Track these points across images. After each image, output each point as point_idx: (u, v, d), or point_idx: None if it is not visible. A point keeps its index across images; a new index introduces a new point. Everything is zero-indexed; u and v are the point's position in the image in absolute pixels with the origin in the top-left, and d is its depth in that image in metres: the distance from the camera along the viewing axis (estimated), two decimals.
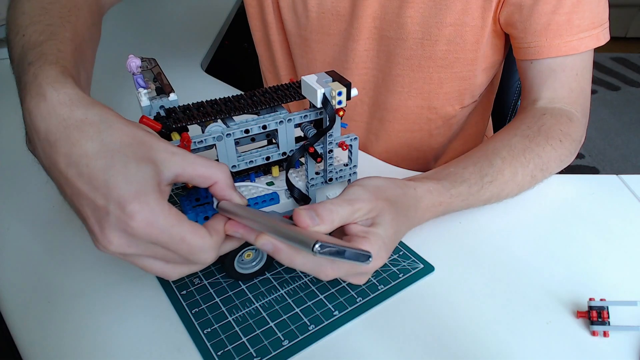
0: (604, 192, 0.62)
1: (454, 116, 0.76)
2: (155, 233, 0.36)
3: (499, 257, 0.53)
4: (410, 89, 0.72)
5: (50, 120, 0.37)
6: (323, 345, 0.44)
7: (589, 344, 0.44)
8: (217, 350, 0.43)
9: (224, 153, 0.46)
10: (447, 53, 0.67)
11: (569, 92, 0.64)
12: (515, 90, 0.94)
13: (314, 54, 0.75)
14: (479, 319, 0.46)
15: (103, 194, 0.35)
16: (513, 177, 0.56)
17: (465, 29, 0.65)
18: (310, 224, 0.40)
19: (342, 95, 0.45)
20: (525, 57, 0.65)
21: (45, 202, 0.61)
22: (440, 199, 0.52)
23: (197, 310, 0.47)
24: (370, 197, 0.44)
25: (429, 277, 0.50)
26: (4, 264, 0.53)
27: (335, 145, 0.49)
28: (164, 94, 0.45)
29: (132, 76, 0.46)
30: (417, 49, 0.67)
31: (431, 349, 0.44)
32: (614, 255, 0.53)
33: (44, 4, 0.49)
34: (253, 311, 0.47)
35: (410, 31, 0.66)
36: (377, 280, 0.50)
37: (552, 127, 0.61)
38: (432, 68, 0.69)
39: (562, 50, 0.62)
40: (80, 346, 0.44)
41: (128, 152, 0.36)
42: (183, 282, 0.50)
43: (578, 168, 2.08)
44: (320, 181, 0.51)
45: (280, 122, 0.47)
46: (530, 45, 0.63)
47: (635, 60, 2.88)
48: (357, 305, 0.47)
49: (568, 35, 0.61)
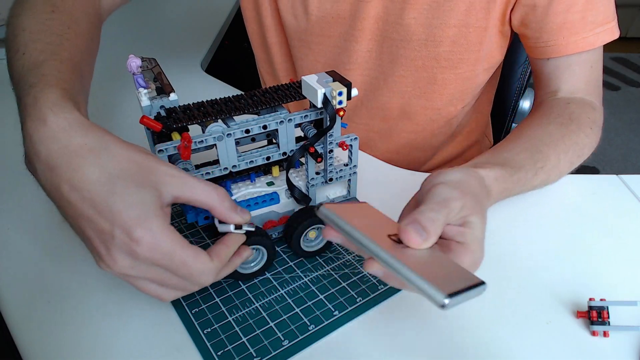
0: (604, 192, 0.62)
1: (456, 116, 0.76)
2: (158, 257, 0.37)
3: (499, 257, 0.53)
4: (414, 88, 0.72)
5: (50, 145, 0.38)
6: (323, 345, 0.44)
7: (589, 344, 0.44)
8: (217, 350, 0.43)
9: (224, 153, 0.46)
10: (451, 54, 0.67)
11: (586, 83, 0.66)
12: (515, 90, 0.94)
13: (315, 55, 0.75)
14: (479, 319, 0.46)
15: (108, 219, 0.36)
16: (557, 163, 0.58)
17: (469, 30, 0.65)
18: (420, 241, 0.38)
19: (342, 95, 0.45)
20: (542, 56, 0.66)
21: (45, 204, 0.61)
22: (505, 185, 0.52)
23: (197, 310, 0.47)
24: (459, 195, 0.42)
25: None
26: (4, 264, 0.53)
27: (335, 146, 0.49)
28: (165, 94, 0.45)
29: (133, 76, 0.46)
30: (421, 50, 0.68)
31: (431, 348, 0.44)
32: (614, 255, 0.53)
33: (43, 20, 0.50)
34: (253, 311, 0.47)
35: (414, 32, 0.66)
36: (377, 280, 0.50)
37: (581, 116, 0.62)
38: (437, 69, 0.69)
39: (579, 46, 0.63)
40: (80, 346, 0.44)
41: (127, 177, 0.37)
42: None
43: (578, 168, 2.08)
44: (321, 181, 0.51)
45: (280, 122, 0.47)
46: (547, 44, 0.64)
47: (635, 60, 2.88)
48: (357, 305, 0.47)
49: (584, 32, 0.63)
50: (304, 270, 0.51)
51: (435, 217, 0.40)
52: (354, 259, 0.52)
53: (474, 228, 0.42)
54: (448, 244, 0.41)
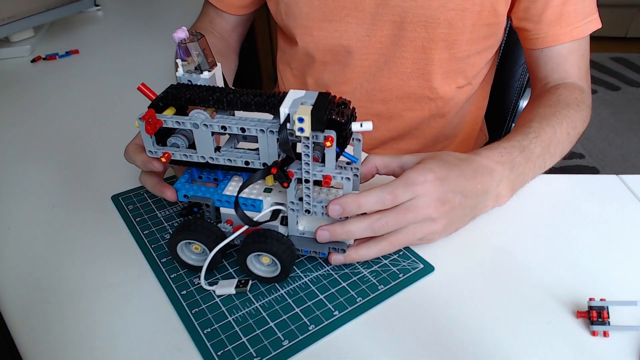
0: (604, 192, 0.62)
1: (452, 98, 0.80)
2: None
3: (499, 256, 0.53)
4: (412, 69, 0.76)
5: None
6: (323, 345, 0.44)
7: (589, 344, 0.44)
8: (217, 350, 0.43)
9: (200, 142, 0.47)
10: (448, 35, 0.71)
11: (578, 70, 0.73)
12: (515, 90, 0.94)
13: (316, 43, 0.77)
14: (479, 319, 0.46)
15: None
16: (554, 133, 0.61)
17: (465, 14, 0.69)
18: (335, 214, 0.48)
19: (303, 123, 0.41)
20: (540, 47, 0.72)
21: (45, 202, 0.61)
22: (501, 151, 0.56)
23: (197, 310, 0.47)
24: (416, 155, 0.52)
25: (428, 277, 0.50)
26: (4, 264, 0.53)
27: (318, 177, 0.45)
28: (201, 71, 0.48)
29: (177, 46, 0.49)
30: (421, 31, 0.71)
31: (431, 348, 0.44)
32: (614, 255, 0.53)
33: None
34: (253, 311, 0.47)
35: (414, 14, 0.70)
36: (377, 280, 0.50)
37: (568, 96, 0.68)
38: (434, 50, 0.73)
39: (573, 35, 0.70)
40: (80, 346, 0.44)
41: None
42: (183, 282, 0.50)
43: (578, 168, 2.08)
44: (299, 208, 0.48)
45: (261, 130, 0.45)
46: (547, 34, 0.71)
47: (635, 60, 2.88)
48: (357, 305, 0.47)
49: (577, 22, 0.70)
50: (304, 270, 0.51)
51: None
52: None
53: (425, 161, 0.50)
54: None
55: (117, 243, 0.55)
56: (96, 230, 0.57)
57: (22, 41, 1.07)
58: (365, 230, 0.48)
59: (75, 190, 0.63)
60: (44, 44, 1.10)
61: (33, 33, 1.09)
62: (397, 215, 0.48)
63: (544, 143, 0.59)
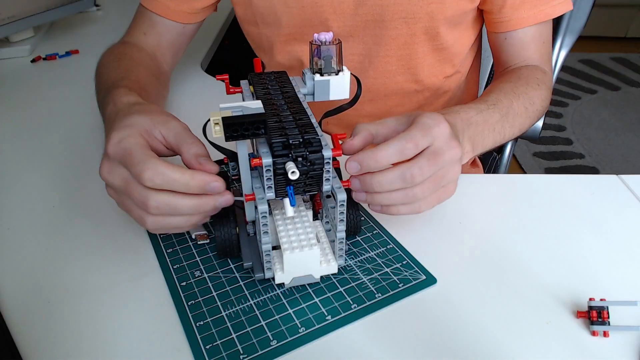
0: (604, 192, 0.62)
1: (440, 87, 0.79)
2: (120, 153, 0.46)
3: (499, 256, 0.53)
4: (398, 66, 0.75)
5: (111, 109, 0.55)
6: (310, 348, 0.44)
7: (589, 344, 0.44)
8: (207, 344, 0.43)
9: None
10: (430, 29, 0.71)
11: (540, 56, 0.74)
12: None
13: (296, 52, 0.76)
14: (479, 319, 0.46)
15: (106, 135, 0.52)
16: (511, 105, 0.63)
17: (445, 6, 0.69)
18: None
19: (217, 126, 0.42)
20: (503, 30, 0.72)
21: (45, 202, 0.61)
22: (459, 116, 0.55)
23: (193, 303, 0.47)
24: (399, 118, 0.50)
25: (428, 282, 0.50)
26: (4, 264, 0.53)
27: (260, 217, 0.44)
28: (324, 74, 0.51)
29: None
30: (402, 27, 0.71)
31: (431, 348, 0.44)
32: (614, 255, 0.53)
33: (115, 66, 0.67)
34: (247, 308, 0.47)
35: (394, 11, 0.69)
36: (376, 288, 0.49)
37: (529, 76, 0.69)
38: (417, 44, 0.73)
39: (538, 18, 0.70)
40: (80, 346, 0.44)
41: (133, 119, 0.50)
42: (184, 273, 0.50)
43: (578, 168, 2.08)
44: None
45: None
46: (511, 17, 0.70)
47: (635, 60, 2.88)
48: (351, 311, 0.47)
49: (542, 4, 0.69)
50: None
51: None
52: (354, 264, 0.52)
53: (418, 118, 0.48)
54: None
55: (117, 243, 0.55)
56: (96, 231, 0.57)
57: (22, 41, 1.07)
58: (394, 179, 0.46)
59: (75, 191, 0.63)
60: (44, 44, 1.10)
61: (33, 33, 1.09)
62: (429, 160, 0.46)
63: (502, 112, 0.61)
